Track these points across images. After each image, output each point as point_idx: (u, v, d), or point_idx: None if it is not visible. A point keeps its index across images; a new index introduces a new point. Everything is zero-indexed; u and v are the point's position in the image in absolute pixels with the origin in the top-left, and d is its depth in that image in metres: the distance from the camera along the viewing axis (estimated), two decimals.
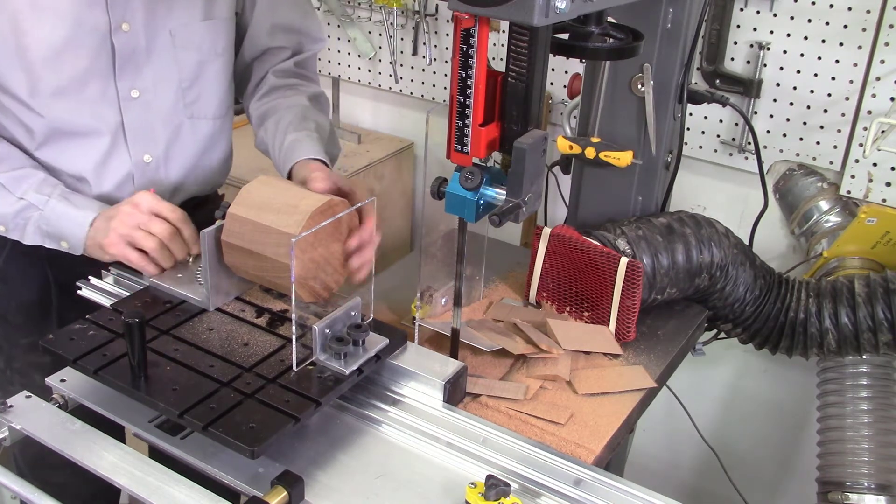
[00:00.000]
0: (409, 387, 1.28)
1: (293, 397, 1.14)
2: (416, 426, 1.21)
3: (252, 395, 1.14)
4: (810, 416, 1.93)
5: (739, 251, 1.65)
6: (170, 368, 1.19)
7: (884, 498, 1.70)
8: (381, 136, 2.60)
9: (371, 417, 1.23)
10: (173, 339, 1.25)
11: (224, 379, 1.17)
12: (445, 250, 1.61)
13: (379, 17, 2.44)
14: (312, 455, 1.15)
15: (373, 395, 1.27)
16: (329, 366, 1.20)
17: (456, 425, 1.21)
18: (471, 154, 1.20)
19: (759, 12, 1.91)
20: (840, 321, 1.63)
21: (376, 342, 1.25)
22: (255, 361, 1.21)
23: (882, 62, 1.79)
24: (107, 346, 1.21)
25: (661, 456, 2.43)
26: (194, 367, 1.19)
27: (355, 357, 1.21)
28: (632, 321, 1.52)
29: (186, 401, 1.12)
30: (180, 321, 1.29)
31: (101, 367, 1.17)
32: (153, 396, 1.13)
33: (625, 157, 1.60)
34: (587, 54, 1.50)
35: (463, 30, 1.12)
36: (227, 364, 1.20)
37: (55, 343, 1.22)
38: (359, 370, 1.20)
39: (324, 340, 1.21)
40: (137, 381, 1.15)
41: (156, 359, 1.20)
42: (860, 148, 1.86)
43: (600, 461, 1.26)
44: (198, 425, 1.08)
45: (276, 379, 1.18)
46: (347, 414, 1.24)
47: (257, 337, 1.27)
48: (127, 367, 1.16)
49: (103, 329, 1.25)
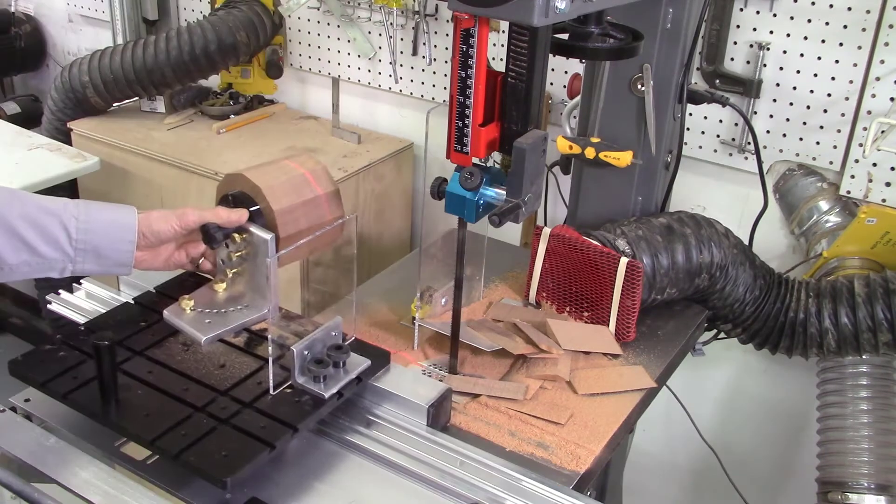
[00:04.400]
0: (392, 410, 1.23)
1: (269, 423, 1.10)
2: (399, 451, 1.17)
3: (226, 420, 1.10)
4: (810, 416, 1.93)
5: (739, 251, 1.65)
6: (141, 392, 1.14)
7: (884, 498, 1.70)
8: (380, 136, 2.60)
9: (350, 442, 1.19)
10: (147, 360, 1.21)
11: (198, 403, 1.12)
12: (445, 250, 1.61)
13: (379, 17, 2.43)
14: (286, 482, 1.11)
15: (353, 418, 1.22)
16: (308, 389, 1.15)
17: (440, 451, 1.17)
18: (471, 154, 1.20)
19: (758, 12, 1.91)
20: (840, 321, 1.63)
21: (357, 364, 1.21)
22: (231, 384, 1.16)
23: (882, 62, 1.79)
24: (77, 368, 1.17)
25: (660, 456, 2.42)
26: (167, 391, 1.14)
27: (335, 379, 1.17)
28: (632, 321, 1.52)
29: (157, 427, 1.07)
30: (155, 341, 1.25)
31: (70, 390, 1.13)
32: (123, 422, 1.10)
33: (625, 157, 1.60)
34: (587, 54, 1.50)
35: (463, 30, 1.13)
36: (201, 387, 1.16)
37: (24, 365, 1.17)
38: (339, 394, 1.16)
39: (302, 362, 1.16)
40: (108, 407, 1.11)
41: (127, 382, 1.15)
42: (860, 148, 1.86)
43: (600, 461, 1.26)
44: (169, 453, 1.04)
45: (253, 403, 1.13)
46: (325, 438, 1.20)
47: (234, 357, 1.23)
48: (97, 391, 1.12)
49: (74, 349, 1.20)
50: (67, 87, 2.58)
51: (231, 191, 1.27)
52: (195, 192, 2.40)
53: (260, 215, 1.24)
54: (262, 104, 2.78)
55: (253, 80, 2.73)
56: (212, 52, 2.48)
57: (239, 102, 2.74)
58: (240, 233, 1.24)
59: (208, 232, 1.22)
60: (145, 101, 2.69)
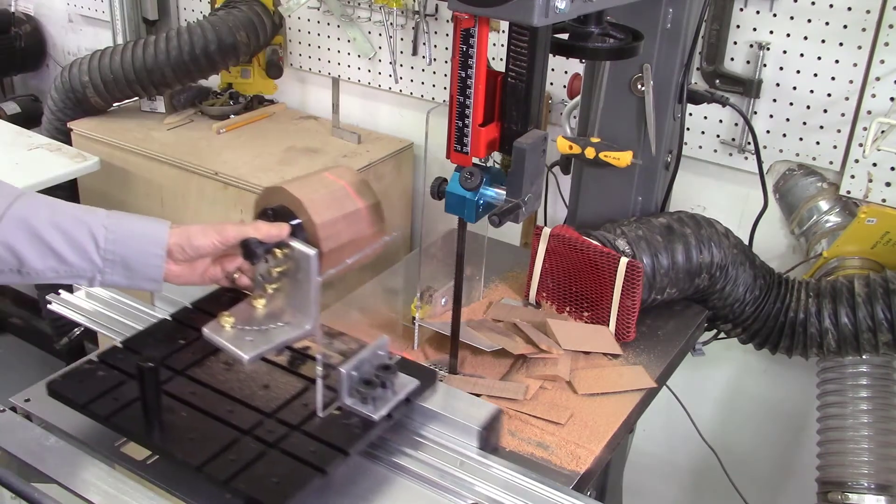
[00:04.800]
0: (441, 431, 1.19)
1: (319, 446, 1.06)
2: (449, 475, 1.13)
3: (275, 444, 1.06)
4: (810, 416, 1.93)
5: (739, 251, 1.65)
6: (186, 414, 1.10)
7: (884, 498, 1.70)
8: (380, 136, 2.60)
9: (399, 465, 1.15)
10: (188, 380, 1.17)
11: (244, 426, 1.08)
12: (445, 250, 1.61)
13: (379, 17, 2.43)
14: None
15: (401, 440, 1.18)
16: (356, 411, 1.11)
17: (493, 475, 1.13)
18: (471, 154, 1.20)
19: (758, 12, 1.91)
20: (840, 321, 1.63)
21: (405, 384, 1.16)
22: (276, 406, 1.12)
23: (882, 62, 1.79)
24: (118, 389, 1.13)
25: (660, 456, 2.42)
26: (212, 413, 1.10)
27: (384, 401, 1.12)
28: (632, 321, 1.52)
29: (205, 451, 1.03)
30: (196, 359, 1.20)
31: (113, 413, 1.10)
32: (169, 446, 1.06)
33: (625, 157, 1.60)
34: (587, 54, 1.50)
35: (463, 30, 1.12)
36: (246, 409, 1.12)
37: (63, 385, 1.14)
38: (388, 415, 1.12)
39: (351, 383, 1.12)
40: (151, 430, 1.08)
41: (171, 403, 1.11)
42: (860, 148, 1.86)
43: (600, 461, 1.26)
44: (218, 480, 1.00)
45: (301, 426, 1.09)
46: (372, 461, 1.15)
47: (278, 377, 1.19)
48: (140, 413, 1.08)
49: (113, 369, 1.17)
50: (67, 87, 2.58)
51: (270, 204, 1.22)
52: (195, 192, 2.40)
53: (301, 229, 1.20)
54: (262, 104, 2.78)
55: (253, 80, 2.74)
56: (212, 52, 2.48)
57: (239, 102, 2.74)
58: (280, 248, 1.20)
59: (249, 247, 1.17)
60: (145, 101, 2.69)
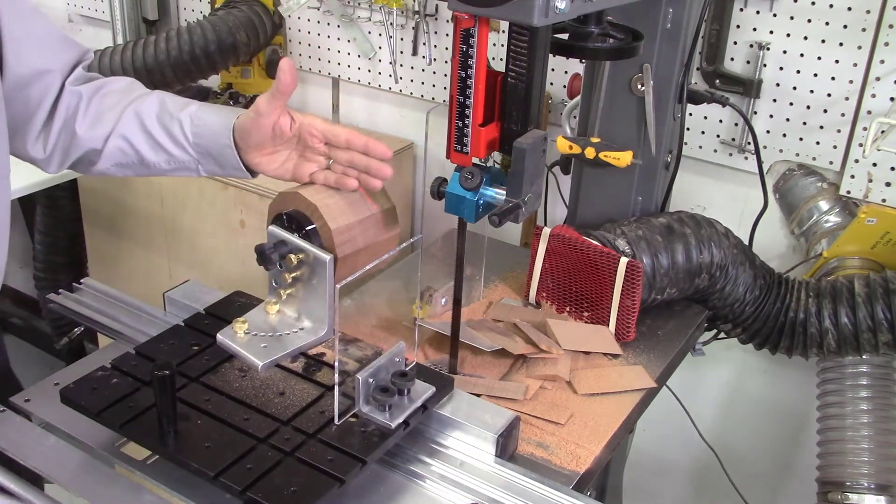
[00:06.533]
0: (458, 439, 1.19)
1: (336, 455, 1.05)
2: (467, 484, 1.12)
3: (292, 452, 1.06)
4: (810, 416, 1.93)
5: (739, 251, 1.65)
6: (201, 422, 1.10)
7: (884, 498, 1.70)
8: (380, 136, 2.60)
9: (415, 473, 1.14)
10: (203, 387, 1.17)
11: (261, 434, 1.08)
12: (445, 250, 1.61)
13: (379, 17, 2.43)
14: None
15: (418, 447, 1.18)
16: (373, 418, 1.11)
17: (511, 483, 1.12)
18: (470, 154, 1.20)
19: (758, 12, 1.91)
20: (840, 321, 1.63)
21: (422, 391, 1.16)
22: (292, 413, 1.12)
23: (882, 62, 1.79)
24: (132, 397, 1.13)
25: (660, 456, 2.42)
26: (228, 421, 1.10)
27: (401, 408, 1.12)
28: (632, 321, 1.52)
29: (221, 460, 1.03)
30: (210, 366, 1.20)
31: (127, 421, 1.09)
32: (184, 455, 1.05)
33: (624, 157, 1.60)
34: (587, 54, 1.50)
35: (463, 30, 1.12)
36: (262, 416, 1.12)
37: (76, 392, 1.14)
38: (405, 423, 1.11)
39: (367, 391, 1.12)
40: (166, 438, 1.07)
41: (185, 410, 1.11)
42: (860, 148, 1.86)
43: (600, 461, 1.26)
44: (235, 489, 1.00)
45: (317, 434, 1.09)
46: (388, 468, 1.15)
47: (293, 384, 1.19)
48: (155, 421, 1.08)
49: (127, 376, 1.17)
50: None
51: (285, 209, 1.21)
52: (195, 192, 2.40)
53: (316, 234, 1.19)
54: None
55: (253, 80, 2.73)
56: (212, 52, 2.48)
57: (239, 102, 2.74)
58: (296, 253, 1.19)
59: (263, 253, 1.16)
60: None
